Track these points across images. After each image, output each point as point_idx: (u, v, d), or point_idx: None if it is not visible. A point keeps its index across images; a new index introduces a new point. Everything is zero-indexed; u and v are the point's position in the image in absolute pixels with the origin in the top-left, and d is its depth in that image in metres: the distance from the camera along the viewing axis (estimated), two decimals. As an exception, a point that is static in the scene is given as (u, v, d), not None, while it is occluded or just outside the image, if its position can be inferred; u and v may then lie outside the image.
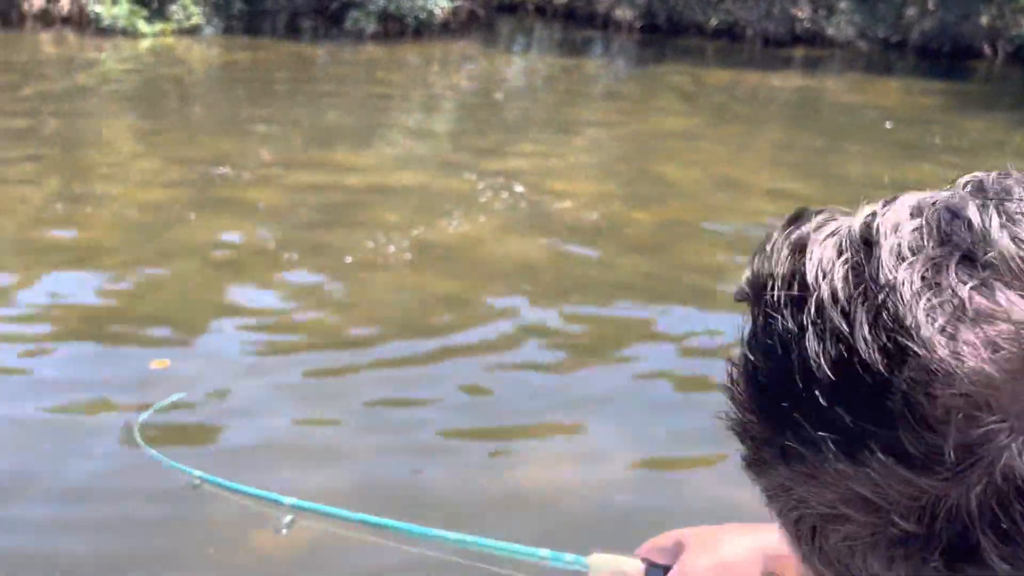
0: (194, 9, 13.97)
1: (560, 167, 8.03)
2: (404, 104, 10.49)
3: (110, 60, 12.18)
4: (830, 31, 15.05)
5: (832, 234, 0.42)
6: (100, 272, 5.38)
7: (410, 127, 9.41)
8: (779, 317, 0.42)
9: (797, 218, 0.45)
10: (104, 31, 13.54)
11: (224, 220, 6.33)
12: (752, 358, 0.43)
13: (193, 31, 14.09)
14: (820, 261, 0.41)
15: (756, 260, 0.45)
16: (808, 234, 0.43)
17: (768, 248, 0.45)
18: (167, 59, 12.61)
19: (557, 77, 12.91)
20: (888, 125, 9.99)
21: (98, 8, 13.53)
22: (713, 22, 15.65)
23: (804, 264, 0.42)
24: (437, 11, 14.95)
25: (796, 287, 0.41)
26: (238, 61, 12.65)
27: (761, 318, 0.43)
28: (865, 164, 8.50)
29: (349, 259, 5.69)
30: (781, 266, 0.43)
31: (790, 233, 0.44)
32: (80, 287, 5.17)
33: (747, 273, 0.46)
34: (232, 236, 6.06)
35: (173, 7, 13.85)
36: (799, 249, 0.43)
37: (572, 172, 7.90)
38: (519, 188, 7.32)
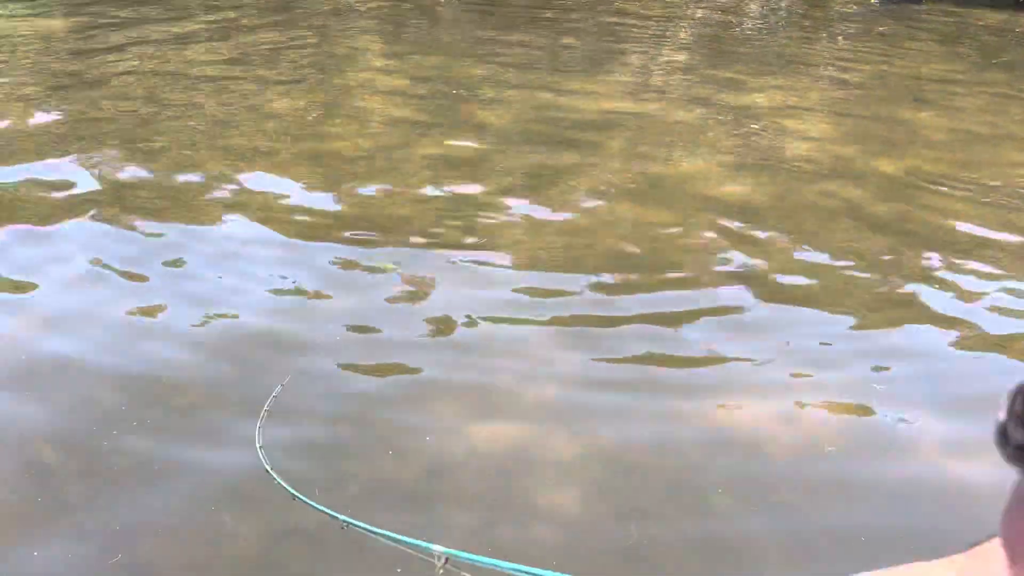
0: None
1: (798, 105, 7.69)
2: (640, 34, 10.36)
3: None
4: None
5: None
6: (345, 180, 5.85)
7: (645, 57, 9.31)
8: None
9: None
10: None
11: (459, 137, 6.64)
12: None
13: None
14: None
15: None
16: None
17: None
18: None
19: (803, 12, 12.21)
20: None
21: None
22: (990, -44, 14.09)
23: None
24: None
25: None
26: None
27: None
28: None
29: (573, 183, 5.82)
30: None
31: None
32: (326, 193, 5.67)
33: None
34: (465, 154, 6.36)
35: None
36: None
37: (811, 112, 7.54)
38: (753, 125, 7.11)
